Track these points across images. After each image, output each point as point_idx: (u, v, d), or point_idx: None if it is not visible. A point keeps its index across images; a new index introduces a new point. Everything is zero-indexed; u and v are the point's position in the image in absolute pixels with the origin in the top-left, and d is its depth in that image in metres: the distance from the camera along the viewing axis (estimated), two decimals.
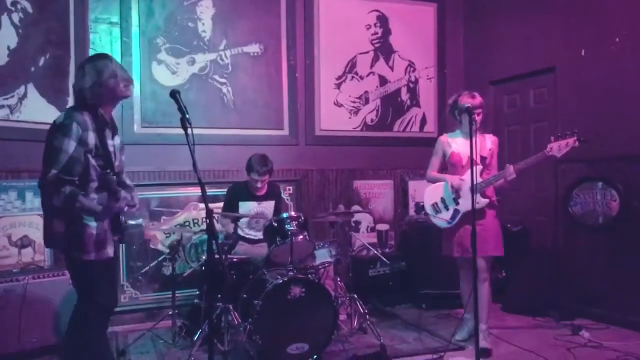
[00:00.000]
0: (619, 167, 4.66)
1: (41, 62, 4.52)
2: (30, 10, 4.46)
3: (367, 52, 6.00)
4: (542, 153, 3.86)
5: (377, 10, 6.03)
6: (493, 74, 5.92)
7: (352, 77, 5.94)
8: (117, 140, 3.11)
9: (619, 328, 4.57)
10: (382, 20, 6.06)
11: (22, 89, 4.39)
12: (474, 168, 3.54)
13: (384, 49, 6.08)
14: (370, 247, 5.19)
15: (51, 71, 4.59)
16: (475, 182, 3.54)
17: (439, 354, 3.99)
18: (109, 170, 2.93)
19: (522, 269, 5.15)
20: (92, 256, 2.88)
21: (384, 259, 5.18)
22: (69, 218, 2.84)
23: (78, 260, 2.89)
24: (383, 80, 6.08)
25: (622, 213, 4.64)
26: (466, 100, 4.04)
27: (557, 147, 3.80)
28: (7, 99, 4.32)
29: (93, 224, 2.87)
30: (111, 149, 3.02)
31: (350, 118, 5.93)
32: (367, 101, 6.01)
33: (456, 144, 4.19)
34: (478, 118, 3.99)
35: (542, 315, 4.92)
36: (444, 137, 4.31)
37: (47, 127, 4.02)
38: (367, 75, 6.01)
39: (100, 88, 2.93)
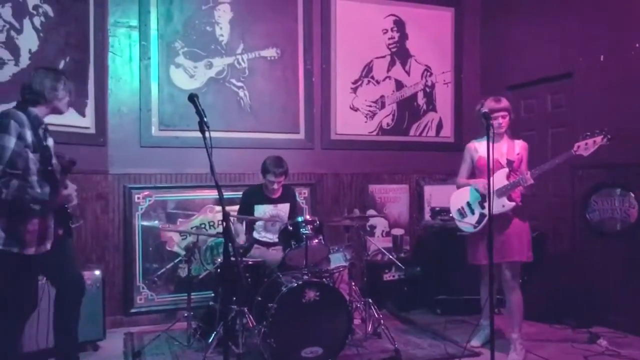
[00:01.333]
0: (638, 173, 4.61)
1: (61, 65, 4.58)
2: (51, 14, 4.52)
3: (383, 57, 6.00)
4: (568, 152, 3.76)
5: (394, 15, 6.03)
6: (510, 79, 5.89)
7: (369, 81, 5.94)
8: (51, 141, 3.28)
9: (638, 337, 4.52)
10: (399, 24, 6.06)
11: None
12: (490, 173, 3.52)
13: (400, 53, 6.07)
14: (385, 252, 5.18)
15: (71, 74, 4.61)
16: (491, 187, 3.50)
17: None
18: (50, 167, 3.12)
19: (539, 275, 5.10)
20: (33, 250, 3.03)
21: (399, 264, 5.17)
22: (11, 213, 2.96)
23: (17, 256, 2.98)
24: (399, 85, 6.08)
25: None
26: (490, 105, 4.01)
27: (584, 146, 3.70)
28: None
29: (35, 220, 3.02)
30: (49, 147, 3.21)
31: (366, 122, 5.94)
32: (383, 105, 6.01)
33: (483, 148, 4.05)
34: (504, 121, 4.02)
35: (559, 323, 4.88)
36: (471, 144, 4.27)
37: (66, 129, 4.09)
38: (384, 79, 6.01)
39: (52, 93, 3.18)
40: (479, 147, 4.17)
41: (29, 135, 3.03)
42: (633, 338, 4.51)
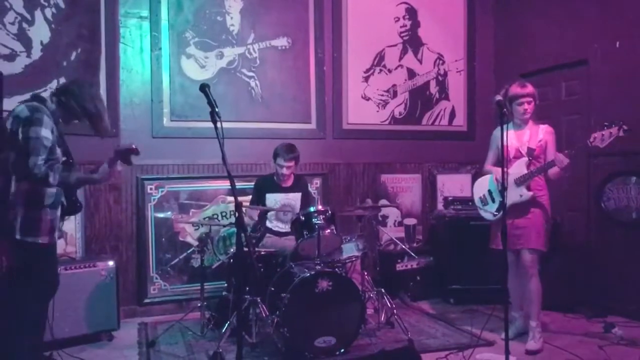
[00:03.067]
0: None
1: (73, 57, 4.60)
2: (62, 5, 4.53)
3: (395, 45, 5.96)
4: (584, 143, 3.73)
5: (406, 3, 5.97)
6: (524, 66, 5.81)
7: (380, 70, 5.90)
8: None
9: None
10: (411, 12, 6.00)
11: (54, 83, 4.47)
12: (504, 163, 3.49)
13: (412, 41, 6.02)
14: (397, 242, 5.17)
15: (82, 65, 4.66)
16: (504, 176, 3.43)
17: (468, 350, 3.95)
18: (71, 160, 3.24)
19: (553, 264, 5.06)
20: (47, 239, 3.10)
21: (412, 254, 5.16)
22: (29, 202, 3.02)
23: (32, 245, 3.04)
24: (411, 73, 6.03)
25: None
26: (515, 90, 4.00)
27: (601, 137, 3.65)
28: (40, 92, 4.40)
29: (48, 210, 3.09)
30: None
31: (378, 111, 5.90)
32: (395, 94, 5.97)
33: (509, 135, 3.93)
34: (529, 107, 3.99)
35: (573, 312, 4.84)
36: (497, 131, 4.12)
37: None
38: (396, 68, 5.96)
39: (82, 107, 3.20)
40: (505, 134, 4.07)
41: (54, 129, 3.10)
42: None
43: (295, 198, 4.73)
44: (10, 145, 2.99)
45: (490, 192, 4.16)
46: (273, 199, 4.67)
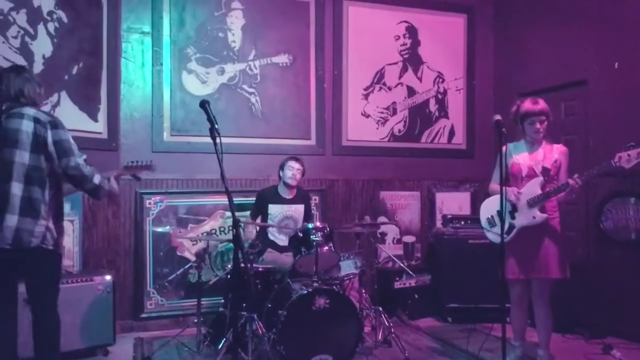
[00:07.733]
0: None
1: (74, 71, 4.61)
2: (65, 20, 4.55)
3: (395, 63, 5.99)
4: (608, 163, 3.48)
5: (406, 21, 6.02)
6: (523, 86, 5.83)
7: (380, 87, 5.93)
8: None
9: None
10: (411, 31, 6.04)
11: (55, 97, 4.48)
12: (501, 185, 3.42)
13: (412, 59, 6.06)
14: (395, 260, 5.16)
15: (84, 79, 4.68)
16: (503, 201, 3.32)
17: None
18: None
19: (552, 284, 5.05)
20: (64, 250, 3.19)
21: (410, 272, 5.14)
22: (58, 213, 3.01)
23: (58, 258, 3.05)
24: (411, 91, 6.05)
25: None
26: (527, 107, 3.78)
27: (627, 158, 3.40)
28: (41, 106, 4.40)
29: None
30: None
31: (377, 128, 5.92)
32: (394, 112, 5.99)
33: (518, 154, 3.90)
34: (541, 127, 3.77)
35: (571, 333, 4.81)
36: (506, 147, 3.78)
37: (79, 134, 4.09)
38: (395, 86, 5.99)
39: (41, 92, 3.17)
40: (513, 151, 3.90)
41: None
42: None
43: (297, 210, 4.75)
44: (38, 149, 2.92)
45: (499, 213, 3.77)
46: (275, 210, 4.69)
